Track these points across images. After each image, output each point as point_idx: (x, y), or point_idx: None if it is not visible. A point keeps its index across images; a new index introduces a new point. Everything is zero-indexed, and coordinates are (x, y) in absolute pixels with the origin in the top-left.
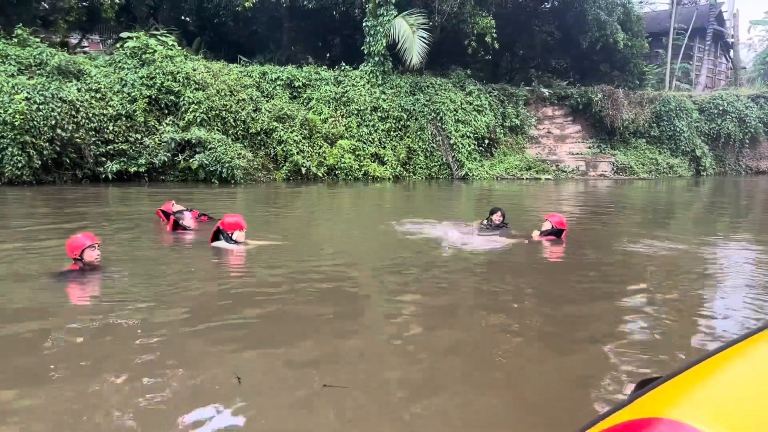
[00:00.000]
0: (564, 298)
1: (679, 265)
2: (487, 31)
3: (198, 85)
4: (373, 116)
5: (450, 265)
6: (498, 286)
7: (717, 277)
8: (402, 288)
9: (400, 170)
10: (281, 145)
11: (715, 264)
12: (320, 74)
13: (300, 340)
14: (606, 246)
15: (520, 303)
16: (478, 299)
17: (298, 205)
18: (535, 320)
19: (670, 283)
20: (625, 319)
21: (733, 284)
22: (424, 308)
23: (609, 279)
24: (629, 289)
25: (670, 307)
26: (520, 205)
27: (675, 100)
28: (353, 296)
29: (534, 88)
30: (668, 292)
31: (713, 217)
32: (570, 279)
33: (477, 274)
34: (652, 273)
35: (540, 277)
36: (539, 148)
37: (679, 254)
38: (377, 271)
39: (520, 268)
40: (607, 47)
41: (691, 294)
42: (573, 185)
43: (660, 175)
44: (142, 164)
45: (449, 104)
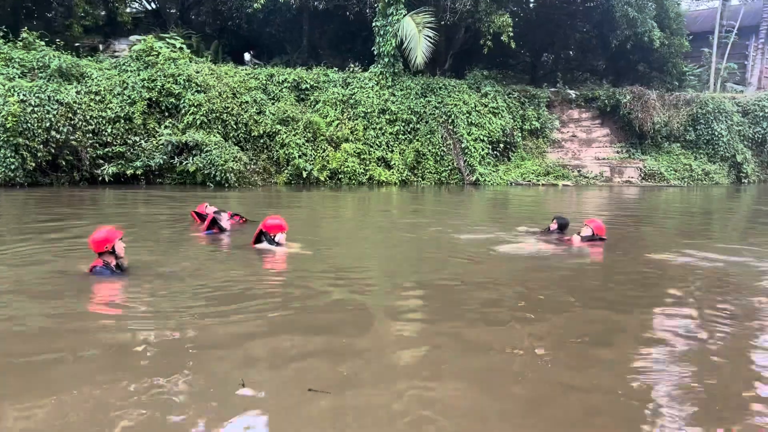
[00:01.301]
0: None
1: (725, 278)
2: (504, 30)
3: (199, 88)
4: (380, 119)
5: (489, 269)
6: (530, 293)
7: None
8: (444, 295)
9: (407, 175)
10: (284, 148)
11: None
12: (329, 76)
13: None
14: (644, 254)
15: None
16: (511, 305)
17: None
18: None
19: (717, 296)
20: (668, 333)
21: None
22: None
23: (653, 288)
24: (672, 301)
25: (718, 323)
26: (520, 212)
27: (713, 102)
28: (389, 305)
29: (559, 90)
30: (716, 305)
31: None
32: (610, 287)
33: (514, 278)
34: (699, 285)
35: (579, 283)
36: (562, 153)
37: (725, 266)
38: (415, 279)
39: (556, 274)
40: (642, 46)
41: (742, 309)
42: (592, 192)
43: (694, 182)
44: (138, 167)
45: (462, 106)
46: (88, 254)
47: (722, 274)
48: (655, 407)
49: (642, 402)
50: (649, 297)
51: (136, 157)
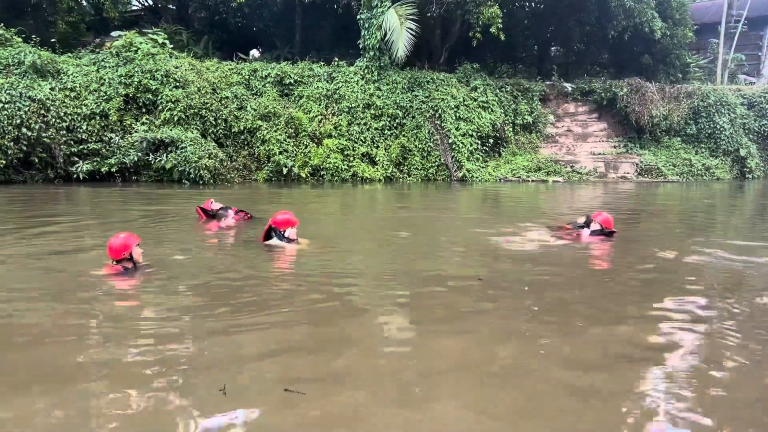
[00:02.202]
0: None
1: (738, 277)
2: (493, 22)
3: (178, 83)
4: (365, 114)
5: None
6: (533, 291)
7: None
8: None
9: (392, 171)
10: (264, 144)
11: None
12: (314, 70)
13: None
14: (649, 251)
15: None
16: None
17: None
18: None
19: (730, 296)
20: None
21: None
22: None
23: (661, 286)
24: (684, 300)
25: (731, 326)
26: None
27: (715, 94)
28: (396, 298)
29: (554, 83)
30: (730, 306)
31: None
32: (614, 286)
33: (519, 274)
34: (710, 284)
35: (583, 280)
36: (555, 148)
37: (737, 264)
38: (423, 273)
39: (563, 271)
40: (644, 37)
41: (757, 310)
42: (584, 189)
43: (693, 177)
44: (113, 164)
45: (450, 101)
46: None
47: (734, 273)
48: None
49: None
50: (658, 296)
51: (111, 154)
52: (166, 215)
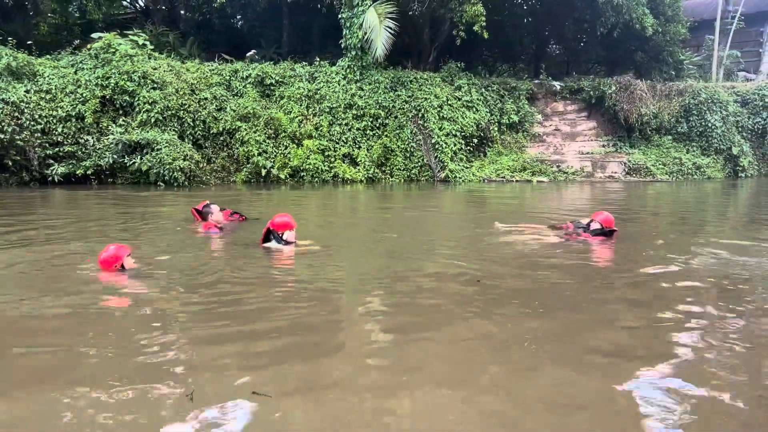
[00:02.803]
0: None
1: (736, 280)
2: (477, 20)
3: (155, 85)
4: (347, 114)
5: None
6: (528, 290)
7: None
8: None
9: (374, 172)
10: (244, 145)
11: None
12: (295, 71)
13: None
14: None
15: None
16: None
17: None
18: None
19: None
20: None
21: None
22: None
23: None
24: (681, 304)
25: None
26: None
27: (707, 92)
28: (389, 304)
29: (542, 81)
30: (729, 310)
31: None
32: (608, 289)
33: (516, 273)
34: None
35: (579, 281)
36: (543, 147)
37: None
38: (421, 273)
39: (563, 272)
40: (635, 34)
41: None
42: (568, 188)
43: (683, 176)
44: (88, 166)
45: (433, 100)
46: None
47: (731, 275)
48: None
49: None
50: (657, 301)
51: (87, 156)
52: (149, 217)
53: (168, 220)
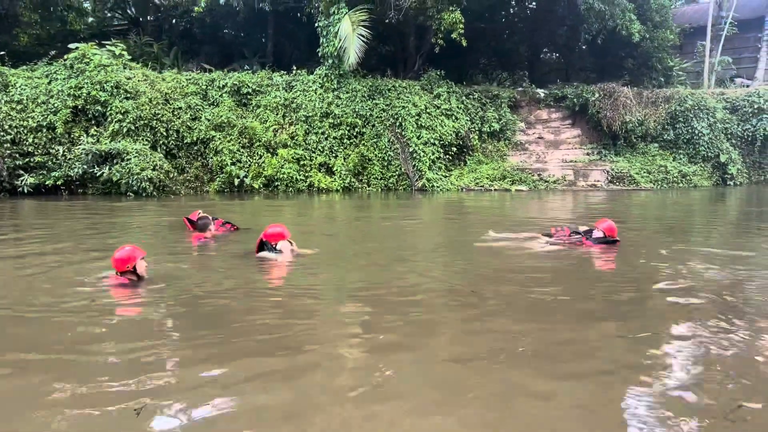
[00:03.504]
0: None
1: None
2: (455, 28)
3: (128, 94)
4: (323, 123)
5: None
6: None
7: None
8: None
9: (351, 181)
10: (218, 155)
11: None
12: (273, 79)
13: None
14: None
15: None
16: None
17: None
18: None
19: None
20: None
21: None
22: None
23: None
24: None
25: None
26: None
27: (693, 98)
28: (389, 306)
29: (526, 89)
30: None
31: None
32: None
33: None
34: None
35: (578, 290)
36: (525, 156)
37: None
38: (410, 283)
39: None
40: (622, 40)
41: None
42: (548, 197)
43: (669, 185)
44: (58, 177)
45: (411, 108)
46: None
47: (722, 285)
48: None
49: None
50: (654, 313)
51: (57, 167)
52: (121, 227)
53: (140, 229)
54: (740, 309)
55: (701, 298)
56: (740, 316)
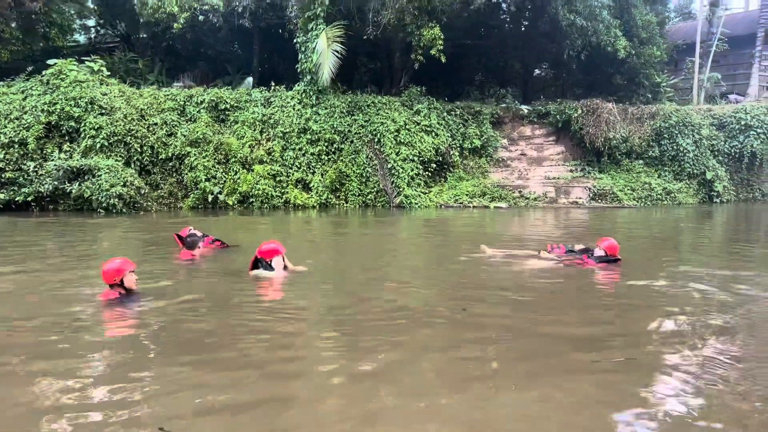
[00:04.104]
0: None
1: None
2: (434, 44)
3: (103, 110)
4: (301, 139)
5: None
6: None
7: None
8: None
9: (328, 197)
10: (193, 171)
11: None
12: (251, 95)
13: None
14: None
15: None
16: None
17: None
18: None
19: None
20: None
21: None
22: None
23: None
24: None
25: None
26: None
27: (678, 115)
28: (391, 324)
29: (509, 105)
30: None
31: None
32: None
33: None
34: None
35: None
36: (507, 172)
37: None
38: (406, 296)
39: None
40: (609, 57)
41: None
42: (527, 214)
43: (653, 202)
44: (28, 193)
45: (390, 125)
46: None
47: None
48: None
49: None
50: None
51: (29, 183)
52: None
53: (118, 245)
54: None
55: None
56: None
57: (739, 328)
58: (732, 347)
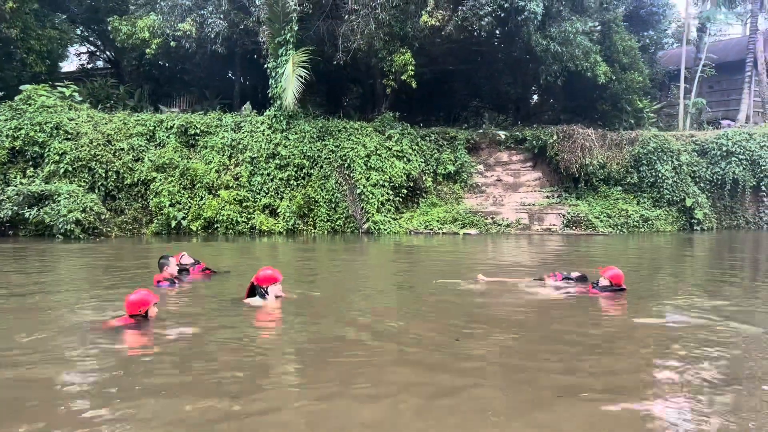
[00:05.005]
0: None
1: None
2: (405, 70)
3: (69, 135)
4: (269, 164)
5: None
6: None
7: None
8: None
9: (296, 223)
10: (157, 196)
11: None
12: (222, 120)
13: None
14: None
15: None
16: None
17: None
18: None
19: None
20: None
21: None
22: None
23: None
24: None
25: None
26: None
27: (656, 140)
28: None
29: (486, 131)
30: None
31: None
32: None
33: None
34: None
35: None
36: (482, 198)
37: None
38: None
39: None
40: (591, 82)
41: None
42: (496, 242)
43: (629, 230)
44: None
45: (360, 150)
46: None
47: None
48: None
49: None
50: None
51: None
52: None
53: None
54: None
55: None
56: None
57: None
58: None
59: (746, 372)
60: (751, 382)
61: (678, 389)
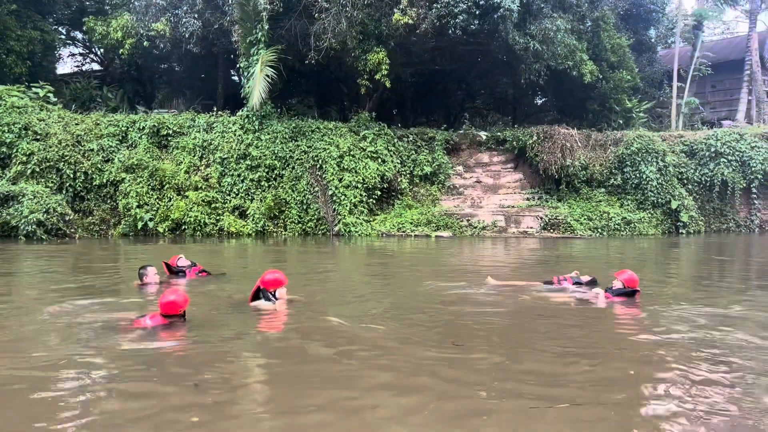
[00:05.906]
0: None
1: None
2: (379, 69)
3: (37, 136)
4: (240, 165)
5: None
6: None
7: None
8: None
9: (265, 225)
10: (125, 197)
11: None
12: (195, 120)
13: None
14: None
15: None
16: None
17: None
18: None
19: None
20: None
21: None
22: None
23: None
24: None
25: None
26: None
27: (640, 141)
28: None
29: (467, 132)
30: None
31: None
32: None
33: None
34: None
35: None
36: (459, 200)
37: None
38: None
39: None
40: (578, 82)
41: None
42: (469, 245)
43: (610, 233)
44: None
45: (332, 150)
46: None
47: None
48: None
49: None
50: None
51: None
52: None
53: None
54: None
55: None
56: None
57: None
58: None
59: (738, 374)
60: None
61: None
